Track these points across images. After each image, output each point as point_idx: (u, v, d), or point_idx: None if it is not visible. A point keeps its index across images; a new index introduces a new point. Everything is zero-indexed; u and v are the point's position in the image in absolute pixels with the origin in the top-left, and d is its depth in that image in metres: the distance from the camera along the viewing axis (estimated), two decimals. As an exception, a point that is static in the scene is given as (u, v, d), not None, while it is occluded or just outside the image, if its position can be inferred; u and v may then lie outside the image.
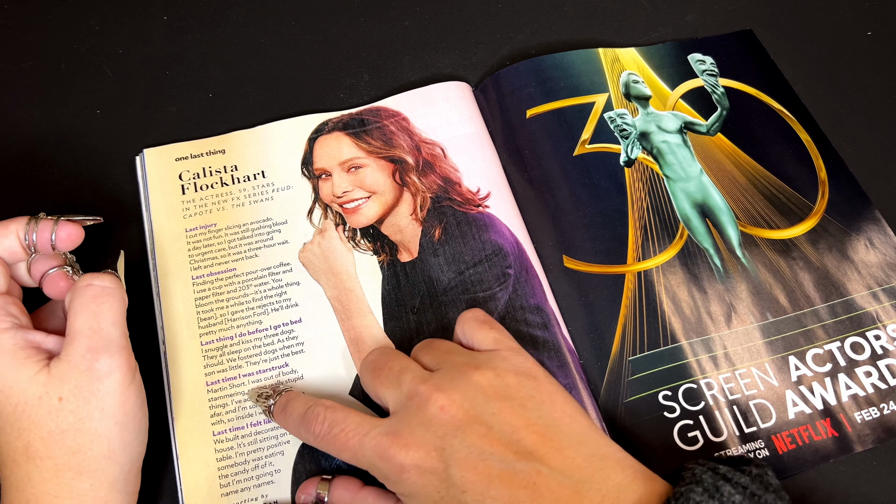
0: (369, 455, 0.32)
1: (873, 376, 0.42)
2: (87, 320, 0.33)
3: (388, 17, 0.57)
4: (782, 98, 0.52)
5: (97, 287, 0.34)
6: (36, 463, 0.32)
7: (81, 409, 0.32)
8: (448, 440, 0.31)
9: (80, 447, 0.32)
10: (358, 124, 0.49)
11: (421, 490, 0.31)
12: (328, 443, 0.34)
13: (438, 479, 0.31)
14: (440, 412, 0.32)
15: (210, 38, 0.55)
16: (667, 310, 0.43)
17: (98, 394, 0.33)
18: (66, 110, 0.51)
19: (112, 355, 0.33)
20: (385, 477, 0.32)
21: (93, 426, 0.32)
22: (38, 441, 0.32)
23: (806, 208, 0.48)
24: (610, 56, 0.53)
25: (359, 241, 0.45)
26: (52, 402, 0.32)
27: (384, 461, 0.32)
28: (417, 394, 0.33)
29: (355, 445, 0.33)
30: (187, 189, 0.46)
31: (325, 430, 0.34)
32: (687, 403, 0.41)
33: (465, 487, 0.30)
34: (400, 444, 0.32)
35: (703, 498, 0.28)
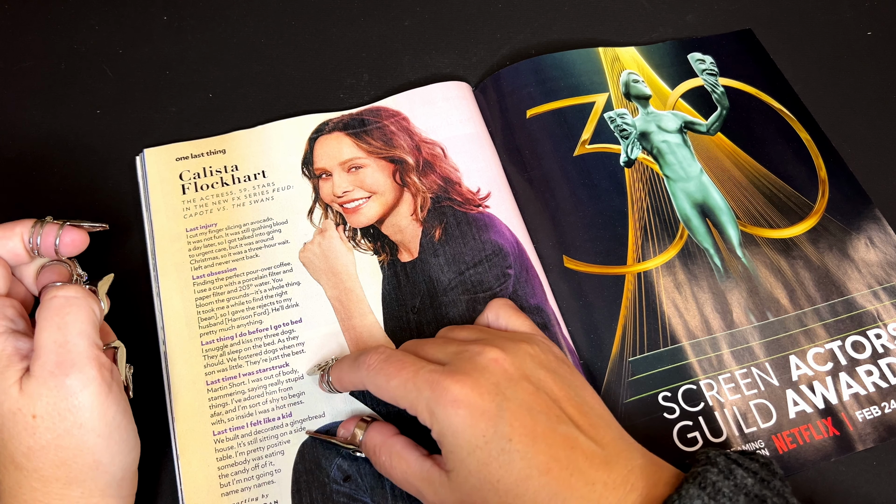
0: (420, 384, 0.32)
1: (874, 375, 0.42)
2: (52, 334, 0.32)
3: (388, 17, 0.57)
4: (782, 97, 0.52)
5: (61, 298, 0.33)
6: (23, 473, 0.31)
7: (58, 426, 0.31)
8: (502, 388, 0.32)
9: (64, 460, 0.31)
10: (358, 124, 0.49)
11: (467, 428, 0.31)
12: (380, 370, 0.34)
13: (487, 422, 0.31)
14: (493, 363, 0.33)
15: (210, 38, 0.55)
16: (667, 310, 0.43)
17: (74, 410, 0.31)
18: (66, 110, 0.51)
19: (82, 369, 0.32)
20: (431, 409, 0.32)
21: (73, 442, 0.31)
22: (20, 455, 0.31)
23: (806, 207, 0.48)
24: (610, 55, 0.53)
25: (359, 241, 0.45)
26: (27, 420, 0.31)
27: (436, 391, 0.32)
28: (468, 349, 0.34)
29: (409, 373, 0.33)
30: (188, 189, 0.46)
31: (381, 359, 0.34)
32: (686, 404, 0.41)
33: (511, 436, 0.31)
34: (456, 379, 0.32)
35: (719, 478, 0.30)
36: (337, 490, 0.38)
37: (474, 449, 0.31)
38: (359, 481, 0.38)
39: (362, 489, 0.38)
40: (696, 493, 0.29)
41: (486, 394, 0.32)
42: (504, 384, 0.32)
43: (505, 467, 0.31)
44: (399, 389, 0.33)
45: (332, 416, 0.40)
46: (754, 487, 0.30)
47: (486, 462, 0.31)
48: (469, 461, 0.31)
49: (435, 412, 0.32)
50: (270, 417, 0.39)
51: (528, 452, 0.31)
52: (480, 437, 0.31)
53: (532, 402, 0.32)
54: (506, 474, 0.31)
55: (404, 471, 0.34)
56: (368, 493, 0.38)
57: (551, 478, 0.30)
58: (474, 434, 0.31)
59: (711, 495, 0.29)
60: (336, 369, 0.38)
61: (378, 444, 0.36)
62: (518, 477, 0.30)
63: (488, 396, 0.32)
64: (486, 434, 0.31)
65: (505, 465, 0.31)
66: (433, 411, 0.32)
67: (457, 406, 0.31)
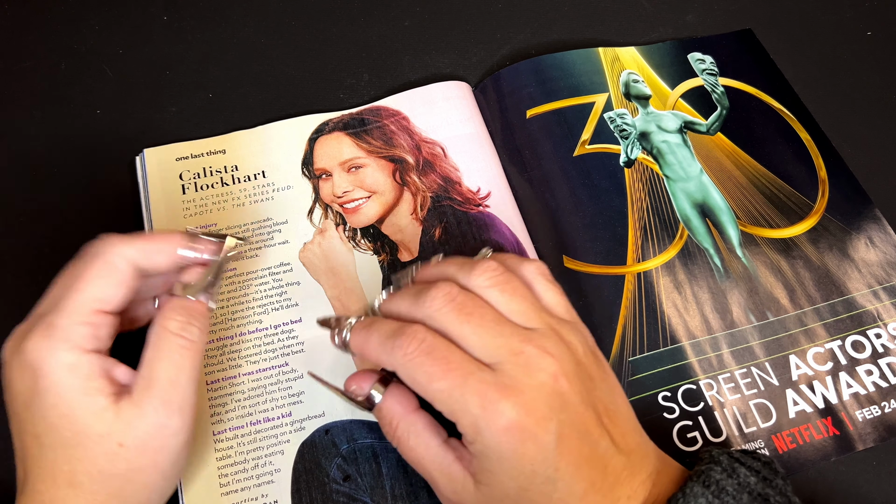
0: (469, 398, 0.29)
1: (874, 374, 0.42)
2: (168, 370, 0.32)
3: (388, 17, 0.57)
4: (782, 97, 0.52)
5: (187, 340, 0.32)
6: (76, 491, 0.30)
7: (137, 461, 0.31)
8: (556, 412, 0.30)
9: (123, 492, 0.31)
10: (358, 124, 0.49)
11: (516, 457, 0.29)
12: (421, 365, 0.30)
13: (538, 450, 0.29)
14: (552, 380, 0.30)
15: (210, 38, 0.55)
16: (667, 310, 0.43)
17: (160, 450, 0.31)
18: (66, 110, 0.51)
19: (184, 414, 0.32)
20: (478, 428, 0.29)
21: (142, 478, 0.31)
22: (85, 475, 0.30)
23: (806, 207, 0.48)
24: (610, 55, 0.53)
25: (359, 241, 0.45)
26: (112, 446, 0.30)
27: (487, 412, 0.29)
28: (524, 353, 0.30)
29: (456, 380, 0.30)
30: (188, 189, 0.46)
31: (422, 350, 0.30)
32: (686, 404, 0.41)
33: (559, 465, 0.29)
34: (512, 400, 0.29)
35: (723, 476, 0.30)
36: (337, 490, 0.38)
37: (518, 475, 0.29)
38: (359, 481, 0.38)
39: (362, 489, 0.38)
40: (701, 490, 0.30)
41: (542, 420, 0.29)
42: (558, 406, 0.30)
43: (545, 494, 0.30)
44: (442, 395, 0.30)
45: (332, 415, 0.40)
46: (757, 486, 0.30)
47: (527, 488, 0.29)
48: (508, 484, 0.30)
49: (482, 432, 0.29)
50: (270, 417, 0.39)
51: (572, 480, 0.30)
52: (528, 466, 0.29)
53: (581, 424, 0.30)
54: (544, 500, 0.30)
55: (422, 455, 0.32)
56: (368, 492, 0.38)
57: (586, 502, 0.30)
58: (522, 463, 0.29)
59: (715, 493, 0.29)
60: (360, 335, 0.34)
61: (398, 416, 0.33)
62: (555, 502, 0.30)
63: (544, 423, 0.29)
64: (534, 463, 0.29)
65: (545, 493, 0.30)
66: (480, 430, 0.29)
67: (510, 434, 0.29)
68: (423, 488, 0.38)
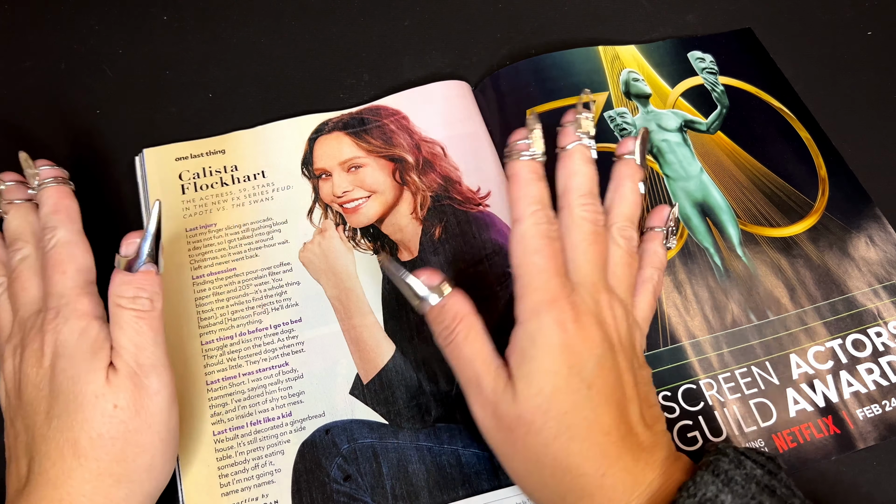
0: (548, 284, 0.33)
1: (875, 373, 0.42)
2: (131, 337, 0.33)
3: (388, 17, 0.57)
4: (782, 96, 0.52)
5: (137, 311, 0.34)
6: (81, 461, 0.32)
7: (132, 421, 0.32)
8: (602, 350, 0.32)
9: (125, 457, 0.32)
10: (358, 123, 0.49)
11: (558, 345, 0.31)
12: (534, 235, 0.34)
13: (577, 359, 0.32)
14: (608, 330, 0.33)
15: (210, 38, 0.55)
16: (667, 310, 0.43)
17: (148, 409, 0.33)
18: (66, 110, 0.51)
19: (160, 374, 0.34)
20: (538, 311, 0.32)
21: (140, 439, 0.33)
22: (87, 440, 0.32)
23: (806, 206, 0.48)
24: (610, 54, 0.53)
25: (359, 241, 0.45)
26: (107, 407, 0.32)
27: (552, 306, 0.32)
28: (602, 295, 0.34)
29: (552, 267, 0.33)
30: (187, 189, 0.46)
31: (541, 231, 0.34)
32: (686, 404, 0.41)
33: (592, 384, 0.32)
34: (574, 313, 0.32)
35: (731, 466, 0.31)
36: (337, 490, 0.38)
37: (555, 373, 0.31)
38: (359, 481, 0.38)
39: (362, 489, 0.38)
40: (710, 479, 0.30)
41: (589, 340, 0.32)
42: (606, 349, 0.33)
43: (576, 407, 0.31)
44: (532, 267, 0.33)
45: (332, 415, 0.40)
46: (763, 478, 0.31)
47: (562, 389, 0.31)
48: (544, 379, 0.31)
49: (541, 316, 0.32)
50: (270, 417, 0.39)
51: (599, 409, 0.31)
52: (566, 365, 0.31)
53: (619, 377, 0.33)
54: (574, 411, 0.31)
55: (478, 350, 0.33)
56: (368, 492, 0.38)
57: (609, 441, 0.31)
58: (561, 358, 0.31)
59: (724, 482, 0.30)
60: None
61: (463, 312, 0.34)
62: (582, 420, 0.31)
63: (590, 343, 0.32)
64: (572, 365, 0.31)
65: (577, 405, 0.31)
66: (539, 313, 0.32)
67: (562, 328, 0.32)
68: (423, 488, 0.38)
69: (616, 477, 0.31)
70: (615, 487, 0.31)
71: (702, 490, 0.30)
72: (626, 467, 0.31)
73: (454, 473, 0.38)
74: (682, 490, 0.30)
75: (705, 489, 0.30)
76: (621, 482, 0.31)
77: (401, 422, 0.39)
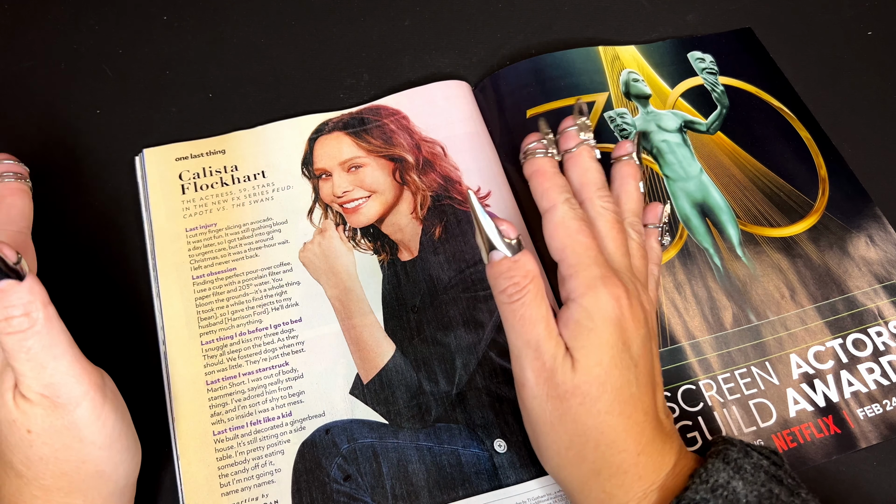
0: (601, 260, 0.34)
1: (875, 373, 0.42)
2: (23, 363, 0.29)
3: (388, 17, 0.57)
4: (782, 96, 0.52)
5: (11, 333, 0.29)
6: (24, 480, 0.31)
7: (56, 442, 0.30)
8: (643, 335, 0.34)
9: (65, 472, 0.31)
10: (358, 123, 0.49)
11: (614, 319, 0.32)
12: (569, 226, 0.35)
13: (628, 331, 0.33)
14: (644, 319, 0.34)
15: (210, 38, 0.55)
16: (666, 311, 0.43)
17: (71, 427, 0.30)
18: (66, 110, 0.51)
19: (72, 386, 0.30)
20: (594, 286, 0.33)
21: (74, 455, 0.30)
22: (20, 464, 0.30)
23: (806, 206, 0.48)
24: (610, 54, 0.53)
25: (359, 241, 0.45)
26: (22, 434, 0.30)
27: (606, 282, 0.33)
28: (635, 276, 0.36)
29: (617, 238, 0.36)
30: (187, 189, 0.46)
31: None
32: (686, 404, 0.41)
33: (637, 361, 0.33)
34: (626, 292, 0.33)
35: (739, 455, 0.32)
36: (337, 490, 0.38)
37: (612, 346, 0.32)
38: (359, 481, 0.38)
39: (362, 489, 0.38)
40: (722, 466, 0.31)
41: (638, 320, 0.33)
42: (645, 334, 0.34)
43: (627, 382, 0.32)
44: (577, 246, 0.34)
45: (332, 415, 0.40)
46: (770, 468, 0.32)
47: (617, 364, 0.32)
48: (603, 351, 0.32)
49: (598, 291, 0.33)
50: (270, 417, 0.39)
51: (643, 387, 0.33)
52: (620, 340, 0.32)
53: (654, 360, 0.35)
54: (625, 386, 0.32)
55: (543, 314, 0.33)
56: (368, 492, 0.38)
57: (646, 420, 0.33)
58: (617, 333, 0.32)
59: (735, 469, 0.31)
60: None
61: (534, 272, 0.33)
62: (630, 396, 0.32)
63: (638, 323, 0.33)
64: (625, 342, 0.33)
65: (628, 381, 0.32)
66: (595, 288, 0.33)
67: (618, 304, 0.33)
68: (423, 488, 0.38)
69: (649, 456, 0.32)
70: (647, 466, 0.32)
71: (714, 476, 0.31)
72: (658, 449, 0.32)
73: (454, 473, 0.38)
74: (695, 476, 0.31)
75: (717, 475, 0.31)
76: (652, 462, 0.32)
77: (401, 422, 0.39)
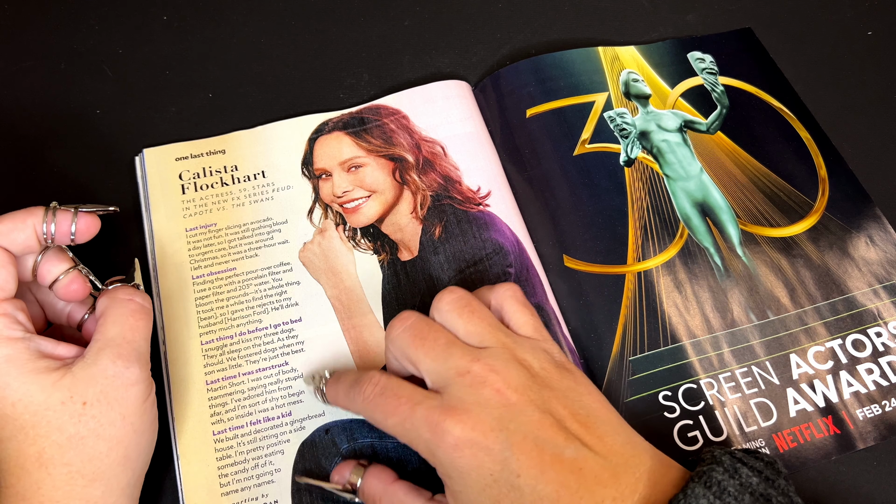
0: (419, 425, 0.31)
1: (875, 373, 0.42)
2: (122, 331, 0.34)
3: (388, 17, 0.57)
4: (782, 96, 0.52)
5: (137, 304, 0.36)
6: (48, 470, 0.31)
7: (104, 415, 0.33)
8: (505, 422, 0.31)
9: (98, 454, 0.32)
10: (358, 123, 0.49)
11: (473, 469, 0.30)
12: (377, 405, 0.33)
13: (493, 461, 0.30)
14: (496, 395, 0.31)
15: (210, 38, 0.55)
16: (667, 310, 0.43)
17: (122, 400, 0.33)
18: (66, 110, 0.51)
19: (141, 367, 0.34)
20: (432, 452, 0.31)
21: (113, 432, 0.33)
22: (55, 447, 0.32)
23: (806, 206, 0.48)
24: (610, 54, 0.53)
25: (359, 241, 0.45)
26: (76, 407, 0.32)
27: (436, 434, 0.31)
28: (470, 372, 0.32)
29: (405, 412, 0.32)
30: (187, 189, 0.46)
31: (376, 392, 0.33)
32: (687, 403, 0.41)
33: (519, 471, 0.30)
34: (456, 419, 0.31)
35: (725, 477, 0.30)
36: (337, 489, 0.38)
37: (484, 488, 0.30)
38: (359, 481, 0.38)
39: (362, 488, 0.38)
40: (702, 492, 0.29)
41: (490, 431, 0.30)
42: (507, 417, 0.31)
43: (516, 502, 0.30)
44: (397, 428, 0.32)
45: (332, 415, 0.40)
46: (759, 486, 0.30)
47: (498, 499, 0.30)
48: (480, 499, 0.30)
49: (437, 455, 0.31)
50: (270, 417, 0.39)
51: (538, 485, 0.30)
52: (488, 477, 0.30)
53: (537, 431, 0.31)
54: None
55: None
56: (368, 492, 0.38)
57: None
58: (481, 475, 0.30)
59: (717, 494, 0.29)
60: (332, 389, 0.37)
61: (378, 492, 0.35)
62: None
63: (492, 434, 0.30)
64: (493, 473, 0.30)
65: (516, 501, 0.30)
66: (434, 454, 0.31)
67: (460, 450, 0.30)
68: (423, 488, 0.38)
69: None
70: None
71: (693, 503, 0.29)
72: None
73: (454, 473, 0.38)
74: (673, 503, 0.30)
75: (696, 503, 0.29)
76: None
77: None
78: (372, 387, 0.34)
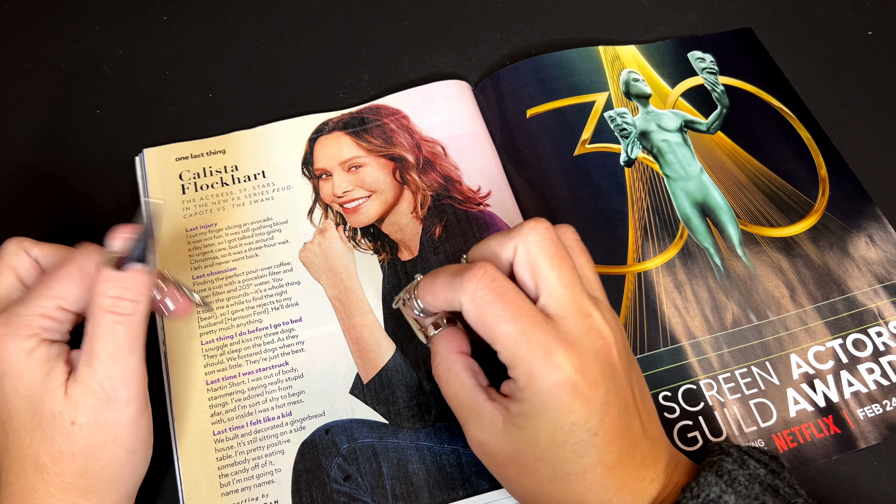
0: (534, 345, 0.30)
1: (875, 373, 0.42)
2: (105, 346, 0.32)
3: (388, 17, 0.57)
4: (782, 96, 0.52)
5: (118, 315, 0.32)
6: (43, 476, 0.31)
7: (94, 437, 0.31)
8: (606, 380, 0.30)
9: (89, 470, 0.32)
10: (358, 123, 0.49)
11: (560, 408, 0.29)
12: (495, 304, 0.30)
13: (584, 410, 0.30)
14: (607, 350, 0.31)
15: (210, 38, 0.55)
16: (667, 310, 0.43)
17: (114, 424, 0.32)
18: (66, 110, 0.51)
19: (131, 385, 0.32)
20: (531, 376, 0.30)
21: (104, 453, 0.32)
22: (48, 457, 0.31)
23: (806, 206, 0.48)
24: (610, 54, 0.53)
25: (359, 241, 0.45)
26: (65, 425, 0.31)
27: (548, 364, 0.29)
28: (591, 316, 0.31)
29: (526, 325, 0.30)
30: (187, 189, 0.46)
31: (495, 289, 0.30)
32: (686, 404, 0.41)
33: (598, 430, 0.30)
34: (569, 355, 0.29)
35: (734, 467, 0.31)
36: (337, 490, 0.38)
37: (556, 429, 0.30)
38: (359, 481, 0.38)
39: (362, 489, 0.38)
40: (714, 479, 0.30)
41: (594, 383, 0.30)
42: (608, 375, 0.31)
43: (576, 455, 0.30)
44: (508, 338, 0.30)
45: (332, 415, 0.40)
46: (767, 477, 0.31)
47: (560, 443, 0.30)
48: (542, 434, 0.30)
49: (537, 381, 0.30)
50: (270, 417, 0.39)
51: (605, 449, 0.30)
52: (569, 423, 0.30)
53: (623, 400, 0.31)
54: (574, 460, 0.30)
55: (456, 394, 0.33)
56: (368, 492, 0.38)
57: (613, 474, 0.31)
58: (563, 416, 0.29)
59: (728, 482, 0.30)
60: (428, 284, 0.33)
61: (442, 353, 0.34)
62: (584, 466, 0.30)
63: (595, 387, 0.30)
64: (576, 422, 0.30)
65: (577, 453, 0.30)
66: (535, 379, 0.30)
67: (563, 388, 0.29)
68: (423, 488, 0.38)
69: (622, 500, 0.31)
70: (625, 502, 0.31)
71: (705, 491, 0.30)
72: (631, 490, 0.31)
73: (454, 473, 0.38)
74: (686, 491, 0.30)
75: (709, 490, 0.30)
76: (631, 498, 0.31)
77: (401, 421, 0.39)
78: (489, 280, 0.30)
